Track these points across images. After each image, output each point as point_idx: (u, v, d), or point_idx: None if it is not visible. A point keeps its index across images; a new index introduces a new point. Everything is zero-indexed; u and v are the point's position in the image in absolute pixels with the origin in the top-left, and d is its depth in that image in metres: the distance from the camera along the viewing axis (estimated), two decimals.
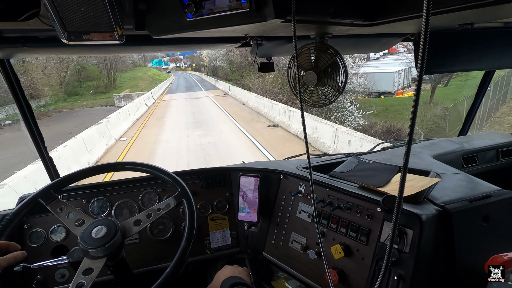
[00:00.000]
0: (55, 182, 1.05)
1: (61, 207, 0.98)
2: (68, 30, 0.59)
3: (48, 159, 1.39)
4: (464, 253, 0.89)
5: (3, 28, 0.77)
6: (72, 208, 0.99)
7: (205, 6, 0.60)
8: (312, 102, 0.94)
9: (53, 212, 0.98)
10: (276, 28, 0.72)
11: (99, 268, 0.85)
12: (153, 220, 0.98)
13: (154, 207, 1.00)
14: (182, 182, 1.07)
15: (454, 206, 0.92)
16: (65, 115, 18.44)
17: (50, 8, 0.56)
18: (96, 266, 0.85)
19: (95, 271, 0.84)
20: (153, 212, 0.99)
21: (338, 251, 0.99)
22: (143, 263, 1.25)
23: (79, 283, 0.81)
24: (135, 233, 0.97)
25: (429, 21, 0.39)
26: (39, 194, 1.00)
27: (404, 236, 0.88)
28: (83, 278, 0.83)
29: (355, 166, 1.28)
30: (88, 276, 0.83)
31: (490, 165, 1.61)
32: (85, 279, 0.82)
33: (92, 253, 0.86)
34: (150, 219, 0.98)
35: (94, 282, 0.82)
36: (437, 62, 1.05)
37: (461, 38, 1.12)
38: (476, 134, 2.33)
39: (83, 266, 0.85)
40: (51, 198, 1.00)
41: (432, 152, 1.48)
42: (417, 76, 0.44)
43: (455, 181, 1.11)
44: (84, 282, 0.82)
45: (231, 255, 1.38)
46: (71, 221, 0.96)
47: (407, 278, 0.84)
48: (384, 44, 1.27)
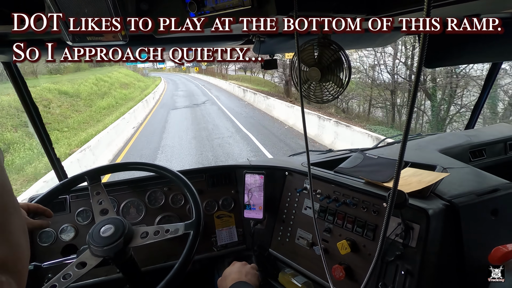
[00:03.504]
0: (63, 183, 1.07)
1: (98, 191, 1.05)
2: (72, 32, 0.60)
3: (56, 160, 1.41)
4: (472, 248, 0.88)
5: (8, 32, 0.78)
6: (105, 196, 1.05)
7: (207, 4, 0.61)
8: (316, 98, 0.94)
9: (91, 193, 1.05)
10: None
11: (92, 266, 0.86)
12: (157, 240, 0.97)
13: (164, 227, 0.99)
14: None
15: (461, 200, 0.91)
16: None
17: (54, 10, 0.57)
18: (90, 263, 0.86)
19: (87, 267, 0.86)
20: (161, 231, 0.98)
21: (345, 247, 0.99)
22: (151, 261, 1.27)
23: (67, 274, 0.83)
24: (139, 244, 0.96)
25: (430, 13, 0.39)
26: (87, 173, 1.09)
27: (410, 231, 0.87)
28: (73, 271, 0.84)
29: (360, 162, 1.27)
30: (79, 270, 0.85)
31: (498, 158, 1.59)
32: (73, 272, 0.84)
33: (93, 249, 0.88)
34: (156, 238, 0.97)
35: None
36: (441, 55, 1.03)
37: None
38: (484, 127, 2.30)
39: (81, 258, 0.87)
40: (95, 180, 1.08)
41: (439, 146, 1.47)
42: (416, 70, 0.43)
43: (463, 175, 1.10)
44: (71, 274, 0.83)
45: (237, 252, 1.39)
46: (98, 208, 1.00)
47: (415, 273, 0.84)
48: (388, 38, 1.25)
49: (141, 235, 0.96)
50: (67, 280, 0.82)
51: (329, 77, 0.87)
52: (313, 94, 0.93)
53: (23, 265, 0.31)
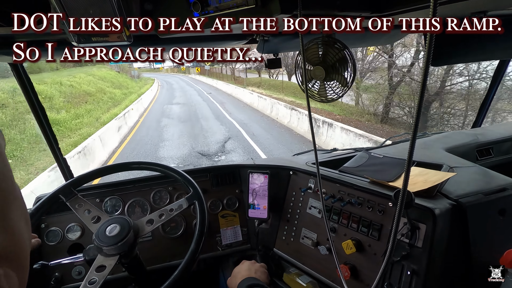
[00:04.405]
0: (73, 180, 1.08)
1: (79, 204, 1.02)
2: (78, 33, 0.60)
3: (62, 160, 1.43)
4: (479, 248, 0.87)
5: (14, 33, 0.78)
6: (89, 205, 1.02)
7: (211, 4, 0.61)
8: (320, 97, 0.93)
9: (72, 208, 1.01)
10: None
11: (112, 265, 0.87)
12: (165, 220, 1.00)
13: (167, 208, 1.02)
14: (194, 183, 1.08)
15: (468, 199, 0.90)
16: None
17: (60, 11, 0.57)
18: (109, 264, 0.87)
19: (107, 269, 0.86)
20: (166, 213, 1.01)
21: (350, 247, 0.99)
22: (156, 260, 1.27)
23: (91, 280, 0.84)
24: (148, 232, 0.99)
25: (437, 11, 0.38)
26: (60, 190, 1.05)
27: (417, 230, 0.86)
28: (96, 275, 0.85)
29: (365, 161, 1.27)
30: (100, 273, 0.85)
31: (505, 157, 1.57)
32: (97, 276, 0.85)
33: (106, 251, 0.88)
34: (163, 219, 1.00)
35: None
36: (446, 53, 1.02)
37: None
38: (491, 125, 2.27)
39: (97, 263, 0.87)
40: (71, 194, 1.04)
41: (445, 145, 1.45)
42: (423, 68, 0.42)
43: (469, 174, 1.09)
44: (96, 279, 0.84)
45: (242, 251, 1.39)
46: (88, 218, 0.99)
47: (421, 273, 0.83)
48: (392, 36, 1.24)
49: (146, 223, 0.98)
50: (94, 285, 0.83)
51: (333, 76, 0.86)
52: (317, 93, 0.93)
53: (24, 256, 0.30)
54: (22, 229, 0.29)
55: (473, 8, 0.79)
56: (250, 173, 1.33)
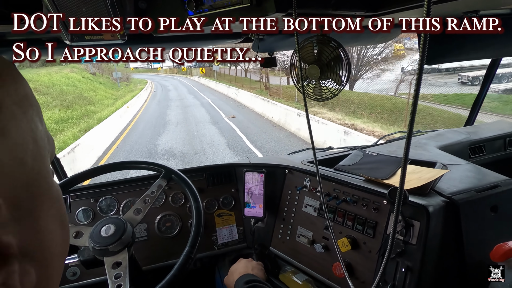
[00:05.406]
0: (62, 182, 1.07)
1: (70, 208, 1.01)
2: (71, 32, 0.59)
3: (55, 160, 1.41)
4: (472, 245, 0.89)
5: (6, 31, 0.77)
6: (83, 205, 1.02)
7: (205, 2, 0.60)
8: (315, 96, 0.94)
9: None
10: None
11: (126, 258, 0.87)
12: (151, 204, 1.01)
13: (148, 192, 1.03)
14: (162, 164, 1.13)
15: (461, 197, 0.91)
16: None
17: (52, 10, 0.56)
18: (123, 257, 0.87)
19: (123, 263, 0.86)
20: (149, 197, 1.02)
21: (345, 244, 0.99)
22: (152, 260, 1.27)
23: (116, 274, 0.84)
24: (142, 222, 1.01)
25: (431, 10, 0.39)
26: None
27: (411, 228, 0.87)
28: (117, 270, 0.85)
29: (360, 159, 1.27)
30: (120, 267, 0.85)
31: (497, 154, 1.59)
32: (118, 271, 0.85)
33: (112, 249, 0.88)
34: (148, 204, 1.01)
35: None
36: (440, 52, 1.03)
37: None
38: (483, 124, 2.30)
39: (109, 264, 0.87)
40: (64, 194, 1.04)
41: (438, 143, 1.47)
42: (418, 67, 0.43)
43: (462, 171, 1.10)
44: (121, 273, 0.84)
45: (238, 250, 1.39)
46: (82, 218, 0.99)
47: (415, 270, 0.84)
48: (387, 35, 1.25)
49: (135, 213, 0.99)
50: (120, 278, 0.83)
51: (328, 74, 0.86)
52: (312, 92, 0.93)
53: (51, 253, 0.28)
54: (54, 230, 0.28)
55: (466, 7, 0.80)
56: (246, 172, 1.33)
